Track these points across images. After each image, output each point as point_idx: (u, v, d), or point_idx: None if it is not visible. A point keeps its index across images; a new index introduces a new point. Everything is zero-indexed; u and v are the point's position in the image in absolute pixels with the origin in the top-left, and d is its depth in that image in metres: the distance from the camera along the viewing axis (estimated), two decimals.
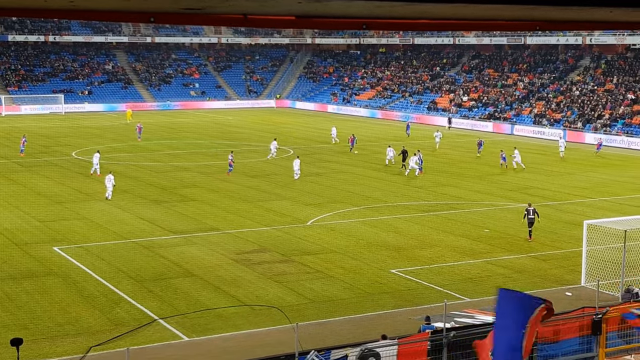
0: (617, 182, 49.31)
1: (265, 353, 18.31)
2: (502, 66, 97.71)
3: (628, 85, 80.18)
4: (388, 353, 17.80)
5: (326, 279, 28.27)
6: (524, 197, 43.58)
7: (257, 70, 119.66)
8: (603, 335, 19.69)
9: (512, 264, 30.47)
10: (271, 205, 40.73)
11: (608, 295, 25.20)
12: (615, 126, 72.90)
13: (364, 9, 7.05)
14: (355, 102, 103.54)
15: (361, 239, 33.93)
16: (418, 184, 47.60)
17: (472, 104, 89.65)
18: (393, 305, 25.58)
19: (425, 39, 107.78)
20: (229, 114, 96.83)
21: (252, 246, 32.64)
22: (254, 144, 66.59)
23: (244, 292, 26.54)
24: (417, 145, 60.55)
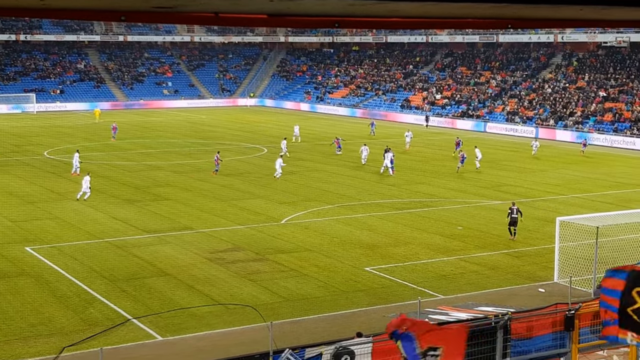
0: (589, 179, 49.74)
1: (239, 352, 18.24)
2: (475, 64, 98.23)
3: (599, 82, 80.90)
4: (363, 351, 17.82)
5: (300, 277, 28.26)
6: (497, 195, 43.87)
7: (230, 68, 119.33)
8: (576, 331, 19.84)
9: (485, 261, 30.64)
10: (245, 204, 40.66)
11: (581, 291, 25.41)
12: (587, 123, 73.52)
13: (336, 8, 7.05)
14: (328, 100, 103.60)
15: (335, 237, 33.96)
16: (391, 181, 47.72)
17: (445, 102, 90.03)
18: (367, 303, 25.63)
19: (398, 37, 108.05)
20: (202, 113, 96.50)
21: (226, 245, 32.55)
22: (228, 142, 66.42)
23: (218, 291, 26.47)
24: (389, 144, 60.77)
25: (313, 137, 68.96)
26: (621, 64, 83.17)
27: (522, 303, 24.64)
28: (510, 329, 19.24)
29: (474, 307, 24.69)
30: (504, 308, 22.80)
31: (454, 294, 26.46)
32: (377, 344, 18.01)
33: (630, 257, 29.03)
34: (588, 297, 23.52)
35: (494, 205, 41.10)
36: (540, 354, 19.67)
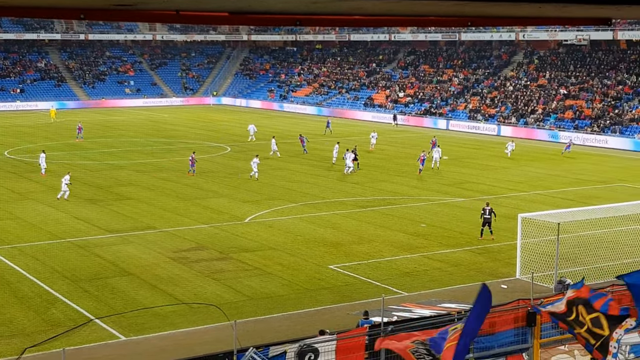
0: (550, 175, 50.27)
1: (203, 351, 18.17)
2: (438, 62, 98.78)
3: (560, 80, 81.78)
4: (327, 348, 17.85)
5: (264, 275, 28.23)
6: (460, 192, 44.17)
7: (193, 67, 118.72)
8: (538, 327, 20.04)
9: (448, 258, 30.83)
10: (209, 203, 40.49)
11: (542, 287, 25.68)
12: (548, 121, 74.30)
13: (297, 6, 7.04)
14: (292, 98, 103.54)
15: (299, 236, 33.96)
16: (355, 180, 47.83)
17: (408, 100, 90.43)
18: (331, 300, 25.67)
19: (361, 36, 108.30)
20: (165, 112, 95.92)
21: (189, 244, 32.40)
22: (191, 141, 66.09)
23: (182, 291, 26.35)
24: (352, 143, 60.89)
25: (276, 135, 68.76)
26: (581, 61, 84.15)
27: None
28: None
29: (437, 303, 24.81)
30: (467, 304, 22.96)
31: (418, 291, 26.60)
32: (341, 341, 18.05)
33: (591, 253, 29.46)
34: (550, 292, 23.77)
35: (457, 202, 41.39)
36: (502, 349, 19.84)
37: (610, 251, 29.86)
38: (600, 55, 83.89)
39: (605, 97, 74.86)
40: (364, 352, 18.41)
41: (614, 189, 45.22)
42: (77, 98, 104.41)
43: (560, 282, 25.78)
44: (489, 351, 19.63)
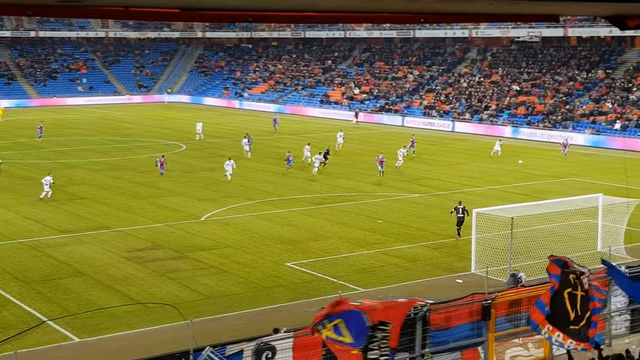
0: (504, 170, 50.78)
1: (159, 351, 18.00)
2: (393, 59, 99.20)
3: (513, 76, 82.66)
4: (284, 346, 17.82)
5: (221, 274, 28.09)
6: (416, 188, 44.41)
7: (147, 64, 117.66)
8: (492, 320, 20.23)
9: (404, 254, 30.98)
10: (164, 202, 40.18)
11: (497, 281, 25.91)
12: (502, 117, 75.05)
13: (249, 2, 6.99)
14: (247, 96, 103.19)
15: (256, 233, 33.86)
16: (311, 177, 47.83)
17: (364, 97, 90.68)
18: (289, 298, 25.64)
19: (316, 33, 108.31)
20: (119, 110, 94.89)
21: (144, 243, 32.11)
22: (146, 139, 65.53)
23: (137, 291, 26.10)
24: (308, 140, 60.86)
25: (232, 133, 68.57)
26: (533, 58, 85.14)
27: (441, 294, 24.98)
28: (429, 320, 19.52)
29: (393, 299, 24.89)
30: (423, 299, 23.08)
31: (375, 287, 26.67)
32: (298, 338, 18.03)
33: (544, 247, 29.80)
34: (503, 286, 23.99)
35: (413, 198, 41.61)
36: (458, 343, 19.99)
37: (563, 245, 30.24)
38: (551, 51, 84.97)
39: (557, 93, 75.86)
40: (321, 349, 18.42)
41: (566, 184, 45.83)
42: (28, 96, 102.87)
43: (513, 275, 26.05)
44: (444, 345, 19.78)
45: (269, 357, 17.56)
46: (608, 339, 21.79)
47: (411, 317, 19.26)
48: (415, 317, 19.29)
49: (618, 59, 78.67)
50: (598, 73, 77.10)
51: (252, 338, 17.56)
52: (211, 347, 16.45)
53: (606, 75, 76.28)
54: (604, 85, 74.20)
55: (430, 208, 39.15)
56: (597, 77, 76.47)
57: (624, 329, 22.45)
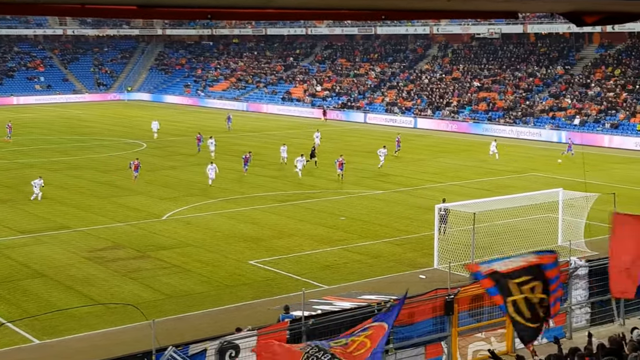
0: (465, 166, 51.10)
1: (121, 352, 17.87)
2: (354, 56, 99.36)
3: (474, 73, 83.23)
4: (247, 345, 17.77)
5: (183, 273, 27.92)
6: (378, 185, 44.53)
7: (106, 62, 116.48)
8: (455, 315, 20.36)
9: (368, 250, 31.04)
10: (125, 201, 39.82)
11: (459, 276, 26.05)
12: (463, 113, 75.55)
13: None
14: (209, 93, 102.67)
15: (218, 232, 33.71)
16: (274, 174, 47.74)
17: (326, 94, 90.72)
18: (252, 296, 25.57)
19: (277, 30, 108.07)
20: (78, 108, 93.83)
21: (105, 243, 31.80)
22: (106, 138, 64.91)
23: (98, 291, 25.84)
24: (271, 137, 60.64)
25: (194, 131, 68.10)
26: (493, 54, 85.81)
27: (404, 290, 25.06)
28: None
29: (357, 296, 24.96)
30: (386, 296, 23.15)
31: (338, 284, 26.70)
32: (261, 337, 17.97)
33: (506, 242, 30.06)
34: (466, 282, 24.13)
35: (376, 195, 41.71)
36: (421, 339, 20.10)
37: (525, 239, 30.50)
38: (511, 48, 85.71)
39: (517, 89, 76.54)
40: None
41: (527, 179, 46.25)
42: None
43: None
44: (408, 341, 19.86)
45: (232, 356, 17.49)
46: (569, 332, 22.04)
47: (375, 313, 19.30)
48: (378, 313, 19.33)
49: (576, 55, 79.60)
50: (557, 69, 77.94)
51: (216, 337, 17.49)
52: (174, 346, 16.35)
53: (565, 71, 77.14)
54: (563, 81, 75.03)
55: (393, 204, 39.28)
56: (556, 73, 77.31)
57: (584, 321, 22.72)
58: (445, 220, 30.86)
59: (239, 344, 17.56)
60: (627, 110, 65.61)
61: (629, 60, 74.02)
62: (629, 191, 41.50)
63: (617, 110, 66.33)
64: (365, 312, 19.47)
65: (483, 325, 20.98)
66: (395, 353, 19.61)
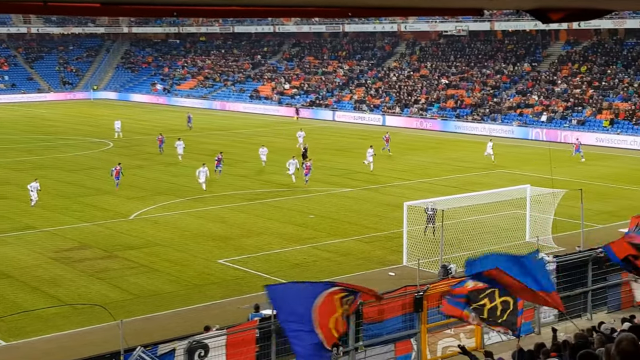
0: (433, 163, 51.31)
1: (89, 352, 17.74)
2: (322, 54, 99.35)
3: (442, 70, 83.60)
4: (217, 344, 17.69)
5: (151, 272, 27.74)
6: (347, 182, 44.56)
7: (71, 61, 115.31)
8: (424, 312, 20.43)
9: (337, 248, 31.04)
10: (91, 200, 39.46)
11: (428, 273, 26.16)
12: (431, 110, 75.85)
13: None
14: (176, 92, 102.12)
15: (187, 231, 33.52)
16: (242, 172, 47.58)
17: (294, 92, 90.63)
18: (221, 295, 25.47)
19: (245, 27, 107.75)
20: (43, 107, 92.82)
21: (72, 243, 31.49)
22: (71, 138, 64.29)
23: (65, 292, 25.59)
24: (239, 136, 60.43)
25: (161, 130, 67.67)
26: (461, 52, 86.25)
27: (374, 287, 25.09)
28: (362, 313, 19.61)
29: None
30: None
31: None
32: (231, 336, 17.92)
33: (474, 238, 30.25)
34: (435, 278, 24.24)
35: (345, 192, 41.73)
36: (391, 336, 20.14)
37: (492, 236, 30.72)
38: (478, 45, 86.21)
39: (485, 86, 77.02)
40: (254, 346, 18.33)
41: (494, 176, 46.53)
42: None
43: (444, 267, 26.33)
44: (377, 338, 19.90)
45: (201, 356, 17.41)
46: (537, 327, 22.21)
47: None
48: None
49: (543, 52, 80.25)
50: (524, 66, 78.52)
51: (184, 337, 17.41)
52: (142, 347, 16.25)
53: (532, 68, 77.75)
54: (530, 78, 75.61)
55: (362, 202, 39.32)
56: (523, 70, 77.88)
57: (552, 317, 22.89)
58: (433, 220, 30.94)
59: (208, 344, 17.48)
60: (593, 106, 66.29)
61: (595, 57, 74.80)
62: (596, 187, 41.95)
63: (583, 106, 66.99)
64: None
65: (452, 322, 21.06)
66: (365, 350, 19.65)
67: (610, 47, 75.72)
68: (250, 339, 18.19)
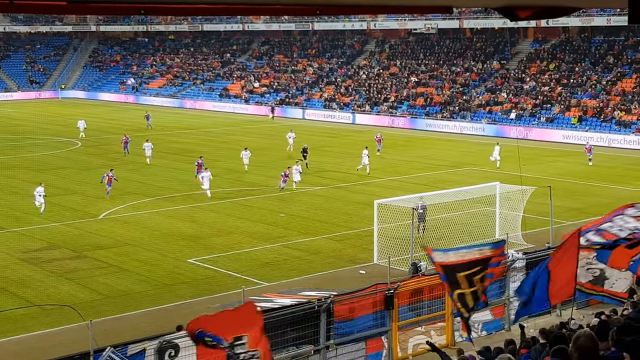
0: (403, 161, 51.46)
1: (58, 353, 17.59)
2: (292, 52, 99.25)
3: (411, 68, 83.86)
4: (187, 343, 17.60)
5: (121, 272, 27.55)
6: (317, 180, 44.56)
7: (38, 60, 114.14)
8: (395, 310, 20.50)
9: (308, 247, 31.04)
10: (60, 200, 39.08)
11: (399, 270, 26.22)
12: (401, 108, 76.06)
13: None
14: (145, 90, 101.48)
15: (156, 230, 33.33)
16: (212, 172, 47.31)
17: (264, 90, 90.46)
18: (191, 295, 25.36)
19: (214, 26, 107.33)
20: (9, 107, 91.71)
21: (40, 244, 31.19)
22: (39, 137, 63.64)
23: (34, 292, 25.34)
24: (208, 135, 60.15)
25: (128, 129, 67.25)
26: (430, 50, 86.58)
27: (344, 286, 25.15)
28: (333, 312, 19.62)
29: (297, 292, 24.96)
30: (326, 292, 23.19)
31: (278, 281, 26.66)
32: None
33: (444, 236, 30.38)
34: (405, 276, 24.31)
35: (315, 191, 41.72)
36: (362, 334, 20.17)
37: (462, 233, 30.87)
38: (447, 43, 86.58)
39: (454, 84, 77.39)
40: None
41: (464, 173, 46.77)
42: None
43: (414, 265, 26.42)
44: (349, 336, 19.91)
45: (172, 356, 17.32)
46: (507, 324, 22.35)
47: (315, 310, 19.32)
48: (319, 309, 19.36)
49: (512, 50, 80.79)
50: (493, 64, 78.99)
51: (155, 337, 17.31)
52: (112, 347, 16.14)
53: (501, 65, 78.24)
54: (499, 76, 76.09)
55: (332, 200, 39.34)
56: (492, 68, 78.36)
57: None
58: (423, 219, 30.93)
59: (178, 343, 17.39)
60: (562, 104, 66.86)
61: (563, 54, 75.45)
62: (564, 184, 42.31)
63: (552, 104, 67.56)
64: (306, 308, 19.47)
65: (423, 319, 21.15)
66: (336, 349, 19.66)
67: (578, 44, 76.43)
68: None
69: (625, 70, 68.89)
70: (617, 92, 65.78)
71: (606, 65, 70.66)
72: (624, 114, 62.21)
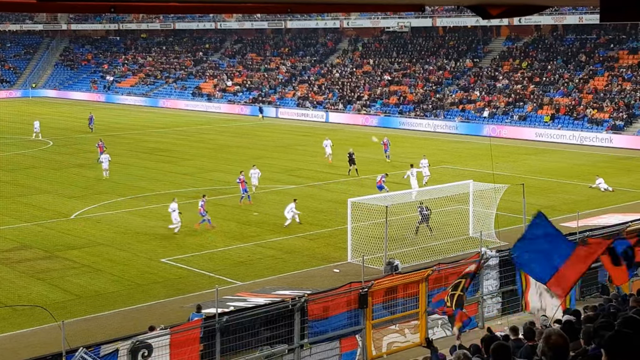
0: (377, 160, 51.45)
1: (30, 354, 17.47)
2: (265, 50, 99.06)
3: (384, 66, 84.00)
4: (160, 343, 17.53)
5: (93, 272, 27.33)
6: (291, 179, 44.52)
7: (8, 58, 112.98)
8: (369, 308, 20.51)
9: (281, 245, 30.97)
10: (31, 200, 38.71)
11: (373, 269, 26.24)
12: (374, 106, 76.18)
13: None
14: (116, 89, 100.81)
15: (129, 230, 33.11)
16: (185, 170, 47.18)
17: (236, 89, 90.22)
18: (164, 294, 25.21)
19: (186, 24, 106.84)
20: None
21: (11, 244, 30.85)
22: (9, 136, 62.97)
23: (4, 293, 25.08)
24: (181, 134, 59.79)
25: (104, 128, 66.74)
26: (403, 48, 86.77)
27: (318, 284, 25.15)
28: (307, 311, 19.61)
29: (271, 291, 24.92)
30: (300, 290, 23.17)
31: (252, 280, 26.58)
32: (174, 335, 17.77)
33: (418, 234, 30.44)
34: (379, 274, 24.35)
35: (288, 189, 41.65)
36: (336, 332, 20.17)
37: (436, 231, 30.98)
38: (420, 41, 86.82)
39: (427, 82, 77.62)
40: (199, 345, 18.20)
41: (438, 171, 46.84)
42: None
43: (389, 263, 26.46)
44: (323, 335, 19.90)
45: (145, 356, 17.23)
46: (481, 321, 22.45)
47: (289, 309, 19.30)
48: (293, 308, 19.33)
49: (485, 48, 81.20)
50: (466, 62, 79.33)
51: (127, 337, 17.21)
52: (85, 347, 16.03)
53: (474, 64, 78.60)
54: (472, 74, 76.43)
55: (306, 199, 39.24)
56: (465, 66, 78.70)
57: (495, 311, 23.19)
58: (427, 219, 30.84)
59: (151, 343, 17.31)
60: (535, 102, 67.30)
61: (536, 52, 75.94)
62: (537, 182, 42.59)
63: (524, 102, 67.97)
64: (279, 307, 19.43)
65: (397, 318, 21.19)
66: (310, 348, 19.65)
67: (550, 43, 76.96)
68: (194, 338, 18.06)
69: (597, 68, 69.48)
70: (590, 90, 66.34)
71: (578, 63, 71.22)
72: (596, 111, 62.73)
